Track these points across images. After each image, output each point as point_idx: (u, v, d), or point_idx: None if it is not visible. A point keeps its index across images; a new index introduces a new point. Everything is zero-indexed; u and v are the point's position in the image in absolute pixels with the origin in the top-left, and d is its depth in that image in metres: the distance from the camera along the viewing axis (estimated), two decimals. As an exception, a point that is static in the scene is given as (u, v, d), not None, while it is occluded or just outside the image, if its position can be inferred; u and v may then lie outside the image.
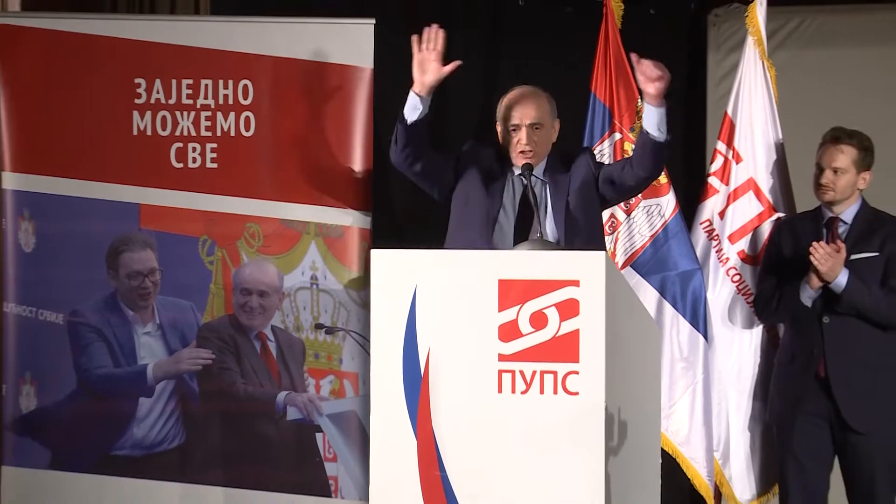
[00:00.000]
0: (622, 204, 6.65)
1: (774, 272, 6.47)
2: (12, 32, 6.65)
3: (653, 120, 5.46)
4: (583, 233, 5.63)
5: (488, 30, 8.40)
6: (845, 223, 6.28)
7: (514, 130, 5.67)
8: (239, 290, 6.43)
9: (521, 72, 7.01)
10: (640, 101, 6.36)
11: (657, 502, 5.67)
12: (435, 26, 4.94)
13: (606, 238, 6.56)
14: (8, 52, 6.63)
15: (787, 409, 6.42)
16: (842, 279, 6.10)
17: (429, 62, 4.91)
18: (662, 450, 6.20)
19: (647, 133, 4.94)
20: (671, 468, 6.37)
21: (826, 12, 8.09)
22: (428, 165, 5.77)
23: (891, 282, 6.16)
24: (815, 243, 6.06)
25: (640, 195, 6.53)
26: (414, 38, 4.91)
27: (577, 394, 4.61)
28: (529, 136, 5.61)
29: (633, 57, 4.80)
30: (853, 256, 6.09)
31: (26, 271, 6.53)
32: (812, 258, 6.03)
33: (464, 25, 7.91)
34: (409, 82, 5.51)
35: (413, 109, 5.40)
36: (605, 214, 6.50)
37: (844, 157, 6.29)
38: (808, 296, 6.16)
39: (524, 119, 5.68)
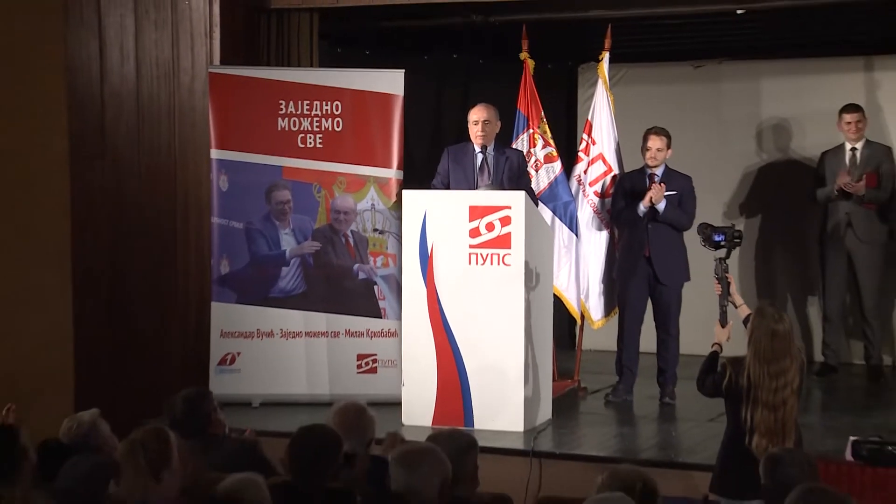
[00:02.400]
0: (533, 164, 9.70)
1: (621, 200, 9.55)
2: (219, 77, 9.58)
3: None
4: (511, 184, 8.76)
5: (464, 76, 11.78)
6: (658, 176, 9.42)
7: (475, 124, 8.91)
8: (333, 211, 9.51)
9: (481, 97, 9.50)
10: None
11: (550, 318, 9.14)
12: None
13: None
14: (216, 88, 9.51)
15: (627, 273, 9.60)
16: (663, 203, 9.23)
17: None
18: (558, 297, 9.67)
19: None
20: (558, 302, 9.54)
21: (638, 66, 11.72)
22: (444, 181, 9.10)
23: (682, 207, 9.38)
24: (653, 185, 9.28)
25: (542, 161, 9.80)
26: None
27: (510, 265, 8.16)
28: (482, 127, 8.85)
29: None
30: (665, 193, 9.25)
31: (222, 200, 9.52)
32: (651, 191, 9.13)
33: (452, 75, 11.73)
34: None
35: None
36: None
37: (661, 141, 9.45)
38: (640, 211, 9.25)
39: (479, 118, 8.92)
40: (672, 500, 6.17)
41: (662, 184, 9.27)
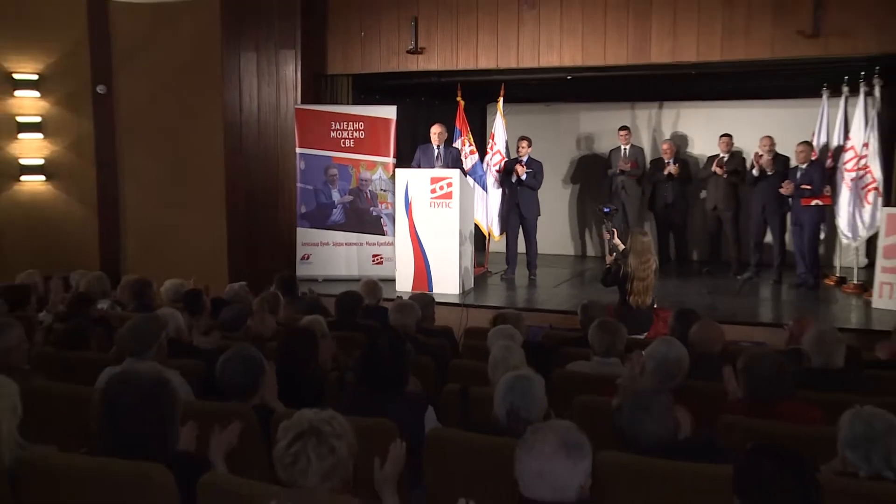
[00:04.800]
0: (464, 155, 10.03)
1: (506, 173, 9.98)
2: (300, 111, 10.16)
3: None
4: (452, 166, 9.17)
5: (427, 109, 11.73)
6: (524, 161, 9.73)
7: (434, 134, 9.46)
8: (360, 180, 10.17)
9: (437, 119, 9.81)
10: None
11: (472, 234, 9.51)
12: None
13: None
14: (298, 116, 10.07)
15: (508, 211, 10.10)
16: (525, 176, 9.70)
17: None
18: (477, 227, 10.00)
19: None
20: (476, 227, 9.85)
21: (516, 105, 11.40)
22: (417, 164, 9.25)
23: (535, 178, 9.72)
24: (520, 165, 9.66)
25: (468, 154, 10.18)
26: None
27: (451, 208, 8.82)
28: (438, 136, 9.44)
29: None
30: (526, 170, 9.62)
31: (301, 174, 10.15)
32: (519, 169, 9.56)
33: (421, 108, 11.72)
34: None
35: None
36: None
37: (526, 143, 9.77)
38: (514, 179, 9.80)
39: (436, 130, 9.48)
40: (533, 329, 6.62)
41: (524, 165, 9.83)
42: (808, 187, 9.04)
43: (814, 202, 9.07)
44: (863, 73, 8.94)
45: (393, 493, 2.89)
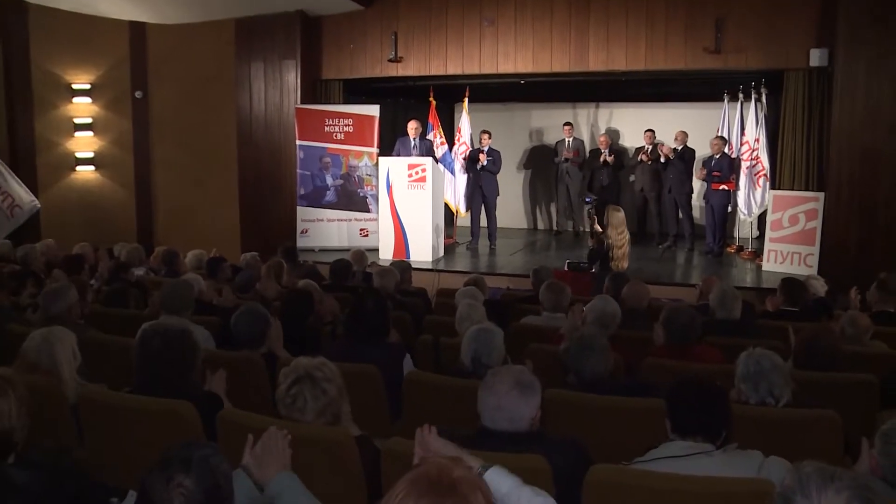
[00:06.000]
0: (436, 146, 9.75)
1: (471, 160, 9.70)
2: (300, 110, 9.97)
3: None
4: (426, 155, 9.06)
5: (404, 107, 11.31)
6: (485, 150, 9.54)
7: (411, 128, 9.33)
8: (349, 166, 9.96)
9: (413, 116, 9.80)
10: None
11: (442, 211, 9.46)
12: None
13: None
14: (298, 114, 9.89)
15: (472, 192, 9.78)
16: (486, 162, 9.50)
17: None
18: (446, 205, 9.91)
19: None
20: (447, 205, 9.79)
21: (479, 103, 11.18)
22: (397, 153, 9.04)
23: (495, 164, 9.59)
24: (482, 154, 9.47)
25: (439, 145, 9.92)
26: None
27: (425, 189, 8.75)
28: (414, 130, 9.31)
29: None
30: (486, 158, 9.50)
31: (300, 161, 9.95)
32: (482, 157, 9.41)
33: (400, 107, 11.28)
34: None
35: None
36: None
37: (487, 136, 9.70)
38: (478, 166, 9.60)
39: (413, 125, 9.35)
40: (493, 289, 6.44)
41: (486, 154, 9.77)
42: (718, 174, 9.12)
43: (721, 187, 9.15)
44: (753, 83, 9.10)
45: None
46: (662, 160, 9.70)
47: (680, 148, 9.67)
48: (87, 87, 10.77)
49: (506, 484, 1.85)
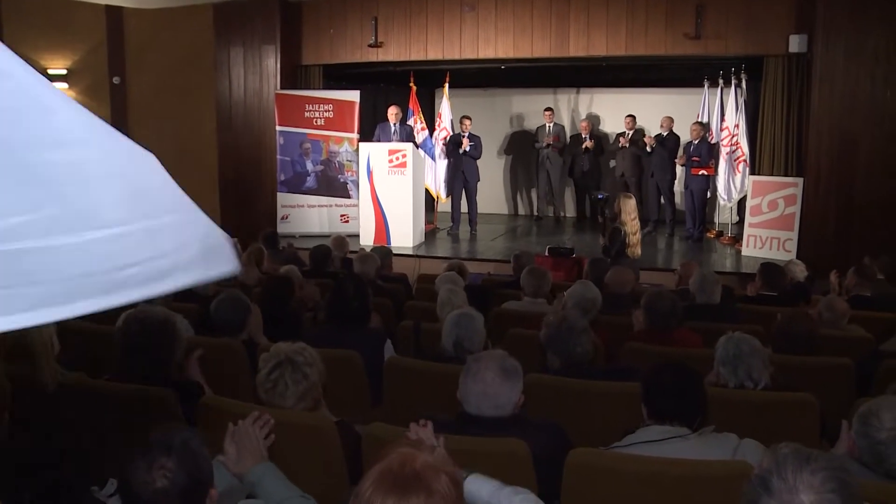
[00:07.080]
0: (416, 132, 9.82)
1: (451, 145, 9.67)
2: (280, 95, 9.89)
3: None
4: (406, 140, 8.99)
5: (384, 92, 11.28)
6: (466, 136, 9.48)
7: (391, 114, 9.25)
8: (330, 152, 9.89)
9: (394, 101, 9.78)
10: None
11: (423, 196, 9.33)
12: None
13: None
14: (278, 100, 9.87)
15: (453, 177, 9.73)
16: (468, 148, 9.44)
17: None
18: (427, 190, 9.80)
19: None
20: (427, 190, 9.85)
21: (459, 89, 10.90)
22: (377, 139, 8.92)
23: (476, 150, 9.52)
24: (464, 139, 9.40)
25: (419, 130, 9.97)
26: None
27: (405, 175, 8.64)
28: (395, 115, 9.25)
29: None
30: (468, 143, 9.46)
31: (280, 147, 9.95)
32: (463, 142, 9.33)
33: (381, 92, 11.26)
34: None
35: None
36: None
37: (468, 121, 9.62)
38: (461, 151, 9.50)
39: (393, 111, 9.29)
40: (474, 275, 6.45)
41: (467, 139, 9.72)
42: (697, 159, 9.14)
43: (700, 172, 9.17)
44: (733, 69, 9.11)
45: None
46: (649, 149, 9.69)
47: (665, 134, 9.67)
48: (64, 72, 10.62)
49: (486, 489, 1.86)
